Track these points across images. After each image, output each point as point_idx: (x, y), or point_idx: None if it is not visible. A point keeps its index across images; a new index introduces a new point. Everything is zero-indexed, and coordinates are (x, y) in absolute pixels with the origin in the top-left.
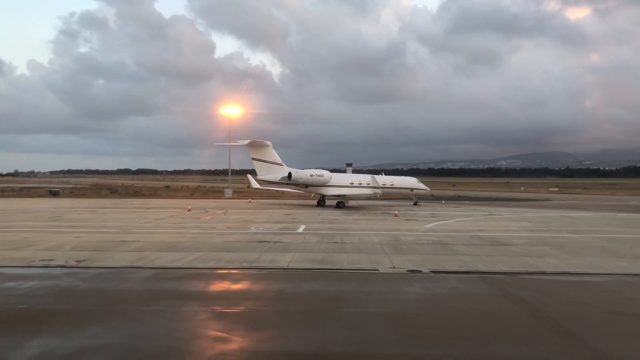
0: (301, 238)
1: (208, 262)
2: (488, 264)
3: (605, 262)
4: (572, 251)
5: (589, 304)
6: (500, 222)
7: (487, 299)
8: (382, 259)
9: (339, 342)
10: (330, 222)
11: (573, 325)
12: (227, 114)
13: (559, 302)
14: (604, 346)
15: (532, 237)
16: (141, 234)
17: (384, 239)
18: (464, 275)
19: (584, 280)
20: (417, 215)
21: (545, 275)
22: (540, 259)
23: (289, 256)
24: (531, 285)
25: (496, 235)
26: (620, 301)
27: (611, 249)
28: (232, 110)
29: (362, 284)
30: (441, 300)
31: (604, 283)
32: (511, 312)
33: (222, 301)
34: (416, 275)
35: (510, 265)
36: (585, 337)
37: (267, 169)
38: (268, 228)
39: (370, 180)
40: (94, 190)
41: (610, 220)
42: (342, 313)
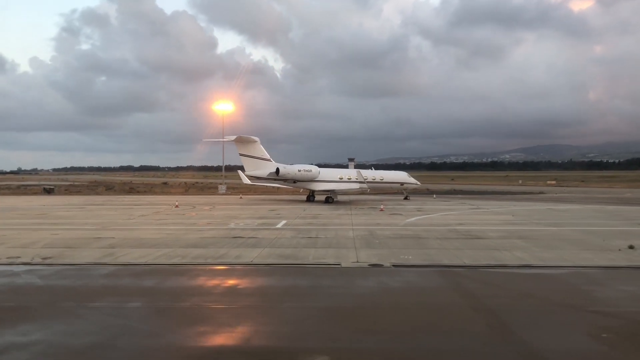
0: (277, 234)
1: (173, 258)
2: (453, 257)
3: (572, 255)
4: (544, 244)
5: (537, 296)
6: (483, 216)
7: (436, 292)
8: (349, 254)
9: (266, 336)
10: (314, 218)
11: (509, 317)
12: (219, 110)
13: (507, 294)
14: (529, 338)
15: (510, 230)
16: (118, 231)
17: (360, 233)
18: (424, 269)
19: (543, 272)
20: (403, 209)
21: (506, 268)
22: (508, 252)
23: (257, 252)
24: (487, 278)
25: (474, 228)
26: (569, 293)
27: (584, 241)
28: (225, 106)
29: (318, 279)
30: (389, 294)
31: (561, 275)
32: (454, 305)
33: (170, 297)
34: (376, 269)
35: (474, 259)
36: (515, 329)
37: (255, 165)
38: (248, 224)
39: (351, 175)
40: (91, 187)
41: (595, 213)
42: (284, 307)
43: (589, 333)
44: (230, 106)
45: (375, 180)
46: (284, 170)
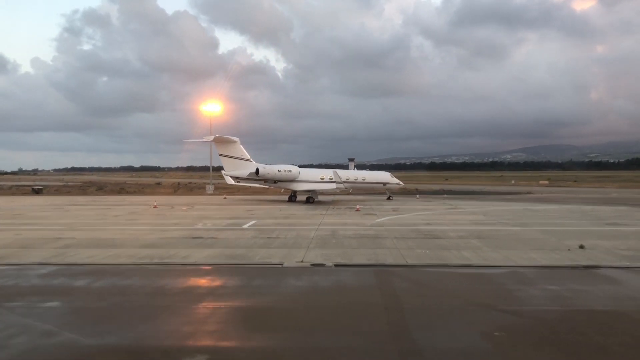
0: (239, 234)
1: (119, 258)
2: (399, 257)
3: (518, 255)
4: (497, 244)
5: (458, 295)
6: (455, 216)
7: (361, 292)
8: (297, 254)
9: (159, 335)
10: (286, 218)
11: (415, 316)
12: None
13: (430, 293)
14: (420, 337)
15: (472, 230)
16: (83, 231)
17: (322, 233)
18: (364, 269)
19: (478, 272)
20: (379, 209)
21: (446, 267)
22: (457, 252)
23: (207, 252)
24: (420, 278)
25: (438, 228)
26: (490, 293)
27: (539, 241)
28: (213, 106)
29: (251, 279)
30: (312, 294)
31: (494, 275)
32: (370, 304)
33: (88, 297)
34: (316, 269)
35: (419, 258)
36: (412, 328)
37: (235, 165)
38: (216, 224)
39: (332, 175)
40: (82, 188)
41: (568, 213)
42: (199, 307)
43: (484, 332)
44: (218, 106)
45: (357, 180)
46: (263, 170)
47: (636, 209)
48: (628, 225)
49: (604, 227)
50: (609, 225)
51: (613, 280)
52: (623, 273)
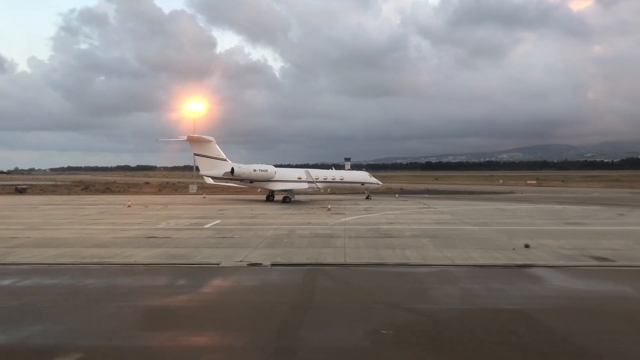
0: (195, 234)
1: (60, 258)
2: (340, 256)
3: (460, 254)
4: (446, 243)
5: (371, 293)
6: (422, 215)
7: (280, 290)
8: (241, 253)
9: (47, 334)
10: (252, 217)
11: (316, 315)
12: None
13: (346, 292)
14: (305, 335)
15: (429, 229)
16: (41, 231)
17: (279, 233)
18: (299, 267)
19: (409, 271)
20: (352, 209)
21: (382, 266)
22: (400, 251)
23: (151, 252)
24: (346, 276)
25: (396, 227)
26: (407, 291)
27: (489, 240)
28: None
29: (176, 279)
30: (230, 293)
31: (423, 274)
32: (277, 303)
33: (7, 296)
34: (251, 268)
35: (358, 258)
36: (304, 327)
37: (210, 165)
38: (179, 224)
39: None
40: (69, 187)
41: (535, 213)
42: (104, 307)
43: (372, 330)
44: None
45: (335, 180)
46: (238, 170)
47: (606, 208)
48: (587, 224)
49: (562, 227)
50: (569, 225)
51: (537, 279)
52: (551, 272)
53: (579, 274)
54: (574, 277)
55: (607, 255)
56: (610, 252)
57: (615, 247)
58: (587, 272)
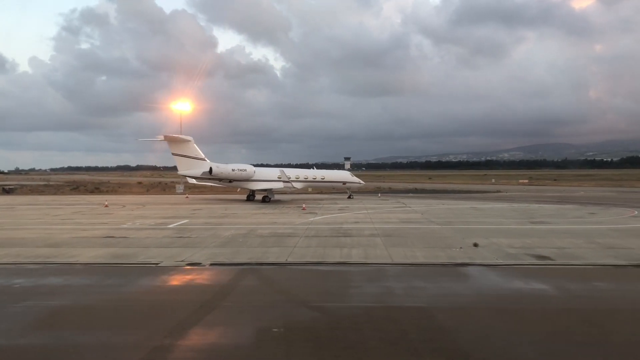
0: (155, 233)
1: (6, 257)
2: (283, 255)
3: (405, 252)
4: (398, 242)
5: (289, 292)
6: (392, 214)
7: (198, 290)
8: (188, 253)
9: None
10: (222, 217)
11: (217, 314)
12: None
13: (264, 290)
14: (191, 335)
15: (391, 228)
16: (5, 231)
17: (238, 232)
18: (237, 267)
19: (343, 269)
20: (327, 208)
21: (320, 265)
22: (347, 250)
23: (98, 252)
24: (275, 276)
25: (358, 227)
26: (325, 289)
27: (444, 239)
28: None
29: (105, 278)
30: (145, 293)
31: (354, 272)
32: (187, 302)
33: None
34: (187, 268)
35: (301, 256)
36: (194, 326)
37: (189, 165)
38: (145, 223)
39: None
40: (58, 187)
41: (507, 212)
42: (17, 306)
43: (265, 328)
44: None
45: (316, 179)
46: (217, 169)
47: (581, 207)
48: (552, 223)
49: (525, 226)
50: (533, 224)
51: (464, 277)
52: (483, 270)
53: (510, 273)
54: (502, 276)
55: (550, 253)
56: (554, 251)
57: (563, 246)
58: (519, 271)
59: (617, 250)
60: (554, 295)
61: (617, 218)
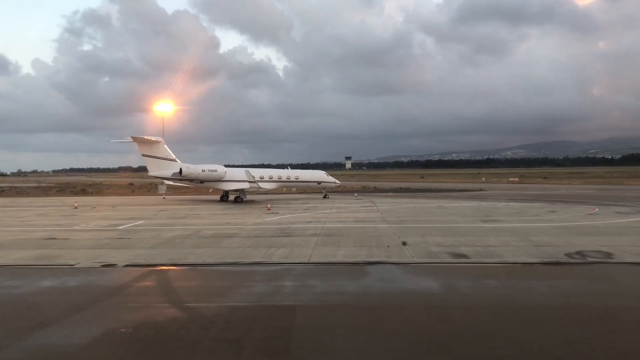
0: (100, 235)
1: None
2: (202, 257)
3: (328, 252)
4: (332, 242)
5: (178, 292)
6: (353, 214)
7: (86, 292)
8: (113, 254)
9: None
10: (181, 218)
11: (76, 315)
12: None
13: (148, 292)
14: (48, 334)
15: (337, 227)
16: None
17: (182, 233)
18: (149, 268)
19: (251, 269)
20: (294, 208)
21: (235, 265)
22: (275, 249)
23: (27, 253)
24: (182, 277)
25: (306, 226)
26: (215, 289)
27: (380, 238)
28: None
29: (6, 280)
30: (31, 294)
31: (258, 272)
32: (66, 304)
33: None
34: (99, 269)
35: (223, 257)
36: (39, 327)
37: (159, 166)
38: (99, 225)
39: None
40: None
41: (469, 210)
42: None
43: (113, 329)
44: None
45: (290, 179)
46: (187, 170)
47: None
48: (502, 222)
49: (474, 224)
50: (483, 222)
51: (363, 275)
52: (388, 268)
53: (411, 271)
54: (402, 274)
55: (471, 252)
56: (478, 249)
57: (491, 244)
58: (422, 269)
59: (542, 248)
60: (437, 293)
61: (573, 216)
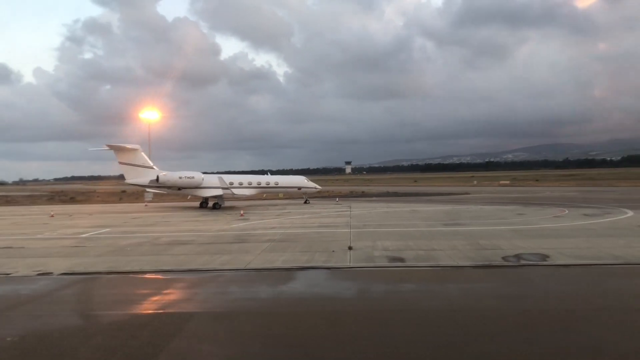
0: (56, 243)
1: None
2: (147, 264)
3: (269, 258)
4: (283, 247)
5: (86, 300)
6: (322, 219)
7: (14, 300)
8: (56, 263)
9: None
10: (149, 225)
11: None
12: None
13: (63, 301)
14: None
15: (294, 233)
16: None
17: (139, 241)
18: (80, 276)
19: (177, 277)
20: (267, 214)
21: (161, 273)
22: (218, 256)
23: None
24: (101, 284)
25: (267, 232)
26: (123, 297)
27: (328, 243)
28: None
29: None
30: None
31: (181, 279)
32: None
33: None
34: (33, 278)
35: (161, 264)
36: None
37: (136, 173)
38: (64, 233)
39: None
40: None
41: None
42: None
43: (2, 337)
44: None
45: (269, 185)
46: (163, 177)
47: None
48: (463, 225)
49: (434, 228)
50: (444, 226)
51: (288, 280)
52: (321, 273)
53: (341, 276)
54: (328, 279)
55: (411, 255)
56: (420, 253)
57: (437, 248)
58: (353, 273)
59: (484, 251)
60: (346, 297)
61: (538, 218)
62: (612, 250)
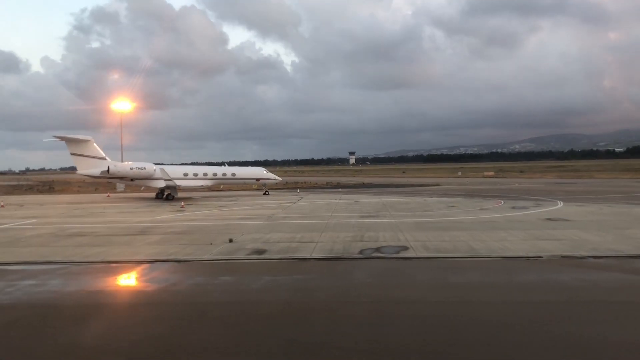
0: None
1: None
2: (17, 255)
3: (162, 250)
4: (190, 239)
5: None
6: (254, 211)
7: None
8: None
9: None
10: (81, 217)
11: None
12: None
13: None
14: None
15: (202, 225)
16: None
17: (44, 232)
18: None
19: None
20: (211, 205)
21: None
22: (128, 248)
23: None
24: None
25: (183, 224)
26: None
27: (216, 237)
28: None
29: None
30: None
31: (68, 272)
32: None
33: None
34: None
35: (35, 256)
36: None
37: (88, 164)
38: None
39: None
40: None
41: (368, 206)
42: None
43: None
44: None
45: (225, 176)
46: (114, 168)
47: (464, 200)
48: (383, 217)
49: (347, 220)
50: (362, 218)
51: (143, 272)
52: (170, 266)
53: (184, 270)
54: (168, 273)
55: (283, 248)
56: (292, 245)
57: (318, 240)
58: (202, 267)
59: (358, 243)
60: (181, 289)
61: (465, 211)
62: (477, 243)
